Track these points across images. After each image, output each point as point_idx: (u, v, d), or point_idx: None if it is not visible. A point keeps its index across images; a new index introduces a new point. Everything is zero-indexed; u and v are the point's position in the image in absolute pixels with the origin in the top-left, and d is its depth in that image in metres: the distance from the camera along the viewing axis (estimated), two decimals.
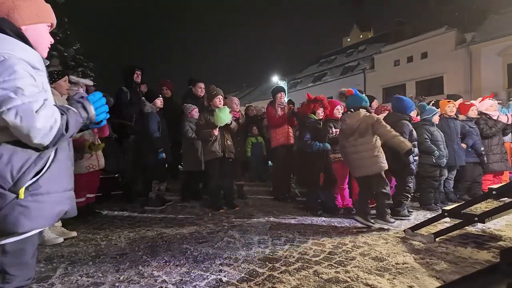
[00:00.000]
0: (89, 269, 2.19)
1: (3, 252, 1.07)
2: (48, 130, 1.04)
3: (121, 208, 4.19)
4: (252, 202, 4.62)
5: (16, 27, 1.12)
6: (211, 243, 2.73)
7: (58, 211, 1.16)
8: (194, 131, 4.50)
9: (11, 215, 1.02)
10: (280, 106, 4.71)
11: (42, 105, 1.04)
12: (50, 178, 1.11)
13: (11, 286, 1.09)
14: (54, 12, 1.29)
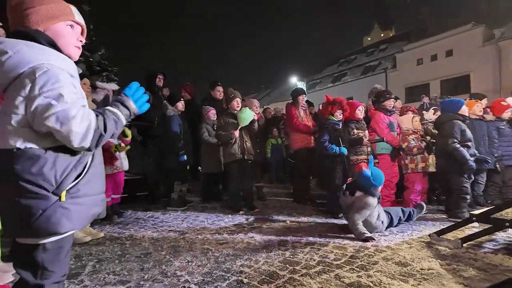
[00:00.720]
0: (116, 267, 2.27)
1: (44, 249, 1.13)
2: (84, 133, 1.08)
3: (144, 208, 4.31)
4: (272, 204, 4.62)
5: (48, 37, 1.15)
6: (232, 244, 2.77)
7: (94, 213, 1.23)
8: (210, 133, 4.58)
9: (54, 216, 1.08)
10: (303, 108, 4.71)
11: (78, 110, 1.08)
12: (87, 182, 1.17)
13: (49, 282, 1.15)
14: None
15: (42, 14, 1.15)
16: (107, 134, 1.15)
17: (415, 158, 4.06)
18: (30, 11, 1.14)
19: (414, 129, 4.20)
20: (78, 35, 1.27)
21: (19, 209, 1.06)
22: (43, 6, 1.16)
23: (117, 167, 3.60)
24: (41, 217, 1.07)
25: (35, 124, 1.06)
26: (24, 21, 1.14)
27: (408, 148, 4.08)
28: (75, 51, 1.26)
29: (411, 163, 4.06)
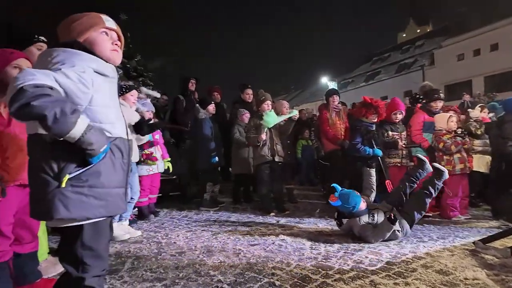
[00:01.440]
0: (152, 264, 2.37)
1: (82, 246, 1.21)
2: (27, 80, 1.03)
3: (178, 208, 4.45)
4: (303, 206, 4.57)
5: (82, 44, 1.28)
6: (263, 246, 2.77)
7: (100, 205, 1.21)
8: (241, 134, 4.64)
9: (52, 201, 1.12)
10: (335, 110, 4.59)
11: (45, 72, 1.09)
12: (96, 173, 1.19)
13: (89, 275, 1.23)
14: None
15: (78, 29, 1.30)
16: (40, 108, 1.02)
17: (452, 160, 3.75)
18: (69, 30, 1.30)
19: (448, 129, 3.89)
20: (113, 40, 1.37)
21: (33, 189, 1.19)
22: (78, 21, 1.31)
23: (152, 169, 3.75)
24: (44, 200, 1.13)
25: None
26: (66, 37, 1.30)
27: (445, 147, 3.78)
28: (112, 54, 1.35)
29: (448, 164, 3.75)
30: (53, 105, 1.04)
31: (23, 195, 1.83)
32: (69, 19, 1.32)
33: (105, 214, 1.25)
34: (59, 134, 1.08)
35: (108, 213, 1.25)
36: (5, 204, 1.71)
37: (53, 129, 1.06)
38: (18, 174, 1.73)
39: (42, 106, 1.02)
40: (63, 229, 1.21)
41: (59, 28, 1.33)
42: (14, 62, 1.76)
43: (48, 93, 1.04)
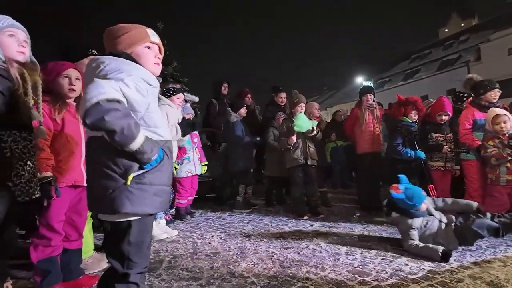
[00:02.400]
0: (188, 264, 2.44)
1: (128, 243, 1.29)
2: (98, 94, 1.14)
3: (213, 209, 4.55)
4: (338, 210, 4.45)
5: (132, 57, 1.36)
6: (297, 249, 2.74)
7: (160, 203, 1.34)
8: (275, 137, 4.63)
9: (119, 197, 1.23)
10: (369, 108, 4.34)
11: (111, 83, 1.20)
12: (154, 172, 1.30)
13: (134, 271, 1.31)
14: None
15: (125, 42, 1.37)
16: (112, 120, 1.14)
17: (497, 168, 3.20)
18: (117, 41, 1.37)
19: (493, 130, 3.27)
20: (155, 53, 1.45)
21: (97, 186, 1.27)
22: (125, 35, 1.38)
23: (191, 171, 3.87)
24: (110, 195, 1.23)
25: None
26: (116, 47, 1.37)
27: (483, 158, 3.28)
28: (154, 68, 1.43)
29: (490, 173, 3.24)
30: (122, 121, 1.16)
31: (73, 195, 1.99)
32: (118, 31, 1.39)
33: (160, 209, 1.37)
34: (121, 146, 1.20)
35: (161, 208, 1.38)
36: (58, 203, 1.86)
37: (117, 142, 1.19)
38: (70, 175, 1.88)
39: (113, 121, 1.15)
40: (112, 226, 1.30)
41: (106, 35, 1.41)
42: (64, 73, 1.91)
43: (118, 108, 1.17)
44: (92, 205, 1.35)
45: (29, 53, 1.58)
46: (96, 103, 1.12)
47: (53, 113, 1.82)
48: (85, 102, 1.13)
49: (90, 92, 1.14)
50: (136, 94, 1.27)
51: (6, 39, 1.47)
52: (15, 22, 1.52)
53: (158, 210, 1.37)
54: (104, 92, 1.15)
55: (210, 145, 5.01)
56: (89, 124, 1.15)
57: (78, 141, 1.92)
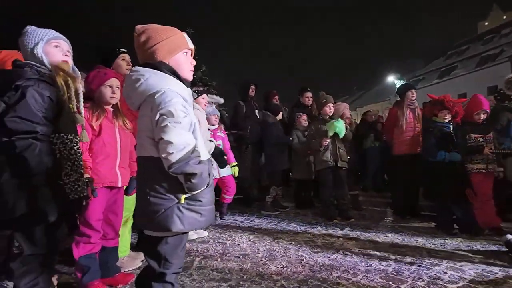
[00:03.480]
0: (218, 265, 2.47)
1: (166, 243, 1.34)
2: (180, 149, 1.21)
3: (241, 211, 4.58)
4: (369, 214, 4.31)
5: (170, 67, 1.37)
6: (327, 253, 2.69)
7: (205, 221, 1.38)
8: (300, 139, 4.59)
9: (171, 216, 1.28)
10: (410, 107, 4.10)
11: (183, 125, 1.25)
12: (205, 194, 1.34)
13: (170, 271, 1.36)
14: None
15: (165, 49, 1.37)
16: (192, 169, 1.23)
17: None
18: (156, 47, 1.36)
19: None
20: (191, 60, 1.47)
21: (148, 205, 1.29)
22: (164, 41, 1.37)
23: (214, 174, 3.93)
24: (162, 214, 1.28)
25: (155, 136, 1.26)
26: (152, 56, 1.37)
27: None
28: (190, 74, 1.46)
29: None
30: (200, 168, 1.25)
31: (110, 195, 2.09)
32: (154, 36, 1.36)
33: (204, 226, 1.43)
34: (192, 190, 1.27)
35: (206, 225, 1.44)
36: (95, 203, 1.96)
37: (193, 184, 1.25)
38: (106, 177, 1.98)
39: (195, 169, 1.24)
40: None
41: (141, 38, 1.38)
42: (107, 82, 2.03)
43: (199, 155, 1.27)
44: (141, 220, 1.40)
45: (71, 62, 1.69)
46: (183, 156, 1.21)
47: (91, 119, 1.93)
48: (170, 148, 1.19)
49: (175, 138, 1.20)
50: (187, 119, 1.30)
51: (52, 50, 1.59)
52: (59, 34, 1.64)
53: (204, 226, 1.43)
54: (187, 144, 1.23)
55: (236, 147, 5.04)
56: (173, 170, 1.22)
57: (113, 145, 2.02)
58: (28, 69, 1.51)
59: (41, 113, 1.43)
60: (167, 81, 1.31)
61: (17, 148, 1.35)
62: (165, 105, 1.24)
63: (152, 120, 1.26)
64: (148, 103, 1.30)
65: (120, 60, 2.57)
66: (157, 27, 1.40)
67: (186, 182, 1.26)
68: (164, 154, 1.22)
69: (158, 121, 1.24)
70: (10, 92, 1.41)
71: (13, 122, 1.35)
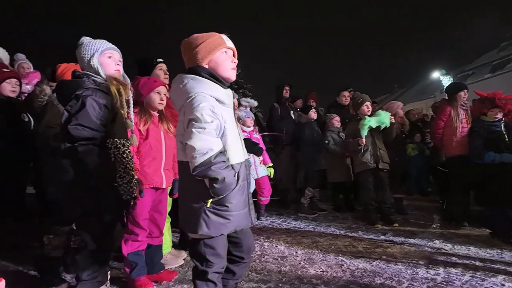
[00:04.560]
0: (257, 266, 2.49)
1: (204, 245, 1.39)
2: (203, 153, 1.25)
3: (277, 213, 4.58)
4: (414, 219, 4.08)
5: (208, 70, 1.42)
6: (368, 259, 2.60)
7: (234, 226, 1.40)
8: (335, 141, 4.49)
9: (198, 219, 1.34)
10: (463, 108, 3.82)
11: (208, 131, 1.28)
12: (231, 198, 1.35)
13: (212, 270, 1.40)
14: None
15: (203, 51, 1.42)
16: (214, 173, 1.25)
17: None
18: (195, 51, 1.43)
19: None
20: (231, 58, 1.49)
21: (184, 207, 1.40)
22: (202, 44, 1.43)
23: (252, 175, 3.97)
24: (192, 216, 1.35)
25: (183, 140, 1.31)
26: (193, 61, 1.44)
27: None
28: (231, 73, 1.49)
29: None
30: (223, 172, 1.27)
31: (155, 196, 2.20)
32: (195, 40, 1.44)
33: (232, 230, 1.42)
34: (217, 194, 1.30)
35: (234, 229, 1.42)
36: (142, 202, 2.08)
37: (217, 188, 1.28)
38: (152, 178, 2.08)
39: (218, 171, 1.26)
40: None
41: (183, 47, 1.48)
42: (156, 89, 2.15)
43: (224, 160, 1.30)
44: (181, 221, 1.49)
45: (122, 71, 1.82)
46: (209, 158, 1.25)
47: (139, 124, 2.05)
48: (194, 153, 1.24)
49: (198, 145, 1.24)
50: (215, 123, 1.33)
51: (106, 60, 1.72)
52: (112, 45, 1.77)
53: (231, 230, 1.42)
54: (210, 149, 1.26)
55: (272, 148, 5.05)
56: (196, 174, 1.27)
57: (159, 148, 2.12)
58: (86, 79, 1.65)
59: (98, 120, 1.55)
60: (202, 85, 1.36)
61: (79, 153, 1.48)
62: (193, 110, 1.29)
63: (183, 124, 1.34)
64: (183, 107, 1.36)
65: (158, 70, 2.71)
66: (197, 35, 1.47)
67: (210, 187, 1.29)
68: (189, 158, 1.28)
69: (187, 126, 1.30)
70: (72, 101, 1.55)
71: (75, 129, 1.48)
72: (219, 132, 1.35)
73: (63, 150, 1.52)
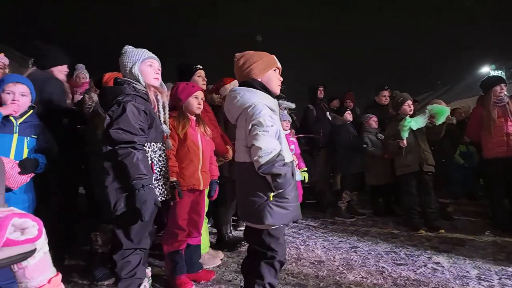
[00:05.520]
0: (293, 269, 2.47)
1: (268, 235, 1.56)
2: (266, 151, 1.45)
3: (313, 216, 4.50)
4: (462, 225, 3.79)
5: (261, 83, 1.65)
6: (412, 267, 2.46)
7: (292, 216, 1.60)
8: (373, 142, 4.32)
9: (263, 211, 1.51)
10: (497, 104, 3.52)
11: (270, 133, 1.49)
12: (290, 192, 1.55)
13: (276, 258, 1.57)
14: (254, 49, 1.76)
15: (259, 67, 1.66)
16: (277, 170, 1.45)
17: None
18: (251, 67, 1.66)
19: None
20: (279, 76, 1.74)
21: (247, 201, 1.57)
22: (259, 61, 1.67)
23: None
24: (257, 209, 1.53)
25: (248, 143, 1.53)
26: (248, 75, 1.67)
27: None
28: (278, 88, 1.73)
29: None
30: (284, 170, 1.48)
31: (192, 198, 2.26)
32: (250, 59, 1.68)
33: (291, 220, 1.66)
34: (278, 188, 1.50)
35: (293, 220, 1.66)
36: (181, 204, 2.15)
37: (276, 183, 1.48)
38: (190, 180, 2.15)
39: (280, 170, 1.47)
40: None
41: (240, 61, 1.70)
42: (195, 94, 2.23)
43: (283, 159, 1.50)
44: (243, 215, 1.70)
45: (160, 79, 1.90)
46: (273, 158, 1.45)
47: (178, 127, 2.13)
48: (260, 153, 1.44)
49: (263, 144, 1.45)
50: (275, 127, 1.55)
51: (146, 69, 1.82)
52: (152, 54, 1.86)
53: (291, 221, 1.66)
54: (274, 149, 1.47)
55: (308, 150, 4.98)
56: (262, 171, 1.46)
57: (197, 151, 2.19)
58: (126, 86, 1.75)
59: (138, 125, 1.64)
60: (258, 95, 1.59)
61: (119, 155, 1.57)
62: (256, 116, 1.51)
63: (246, 130, 1.54)
64: (243, 115, 1.58)
65: (197, 77, 2.81)
66: (253, 52, 1.73)
67: (273, 182, 1.47)
68: (255, 157, 1.47)
69: (250, 130, 1.51)
70: (114, 107, 1.65)
71: (116, 133, 1.58)
72: (276, 135, 1.54)
73: (104, 153, 1.62)
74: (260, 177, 1.50)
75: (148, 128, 1.74)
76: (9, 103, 1.94)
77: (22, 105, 1.99)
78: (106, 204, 1.60)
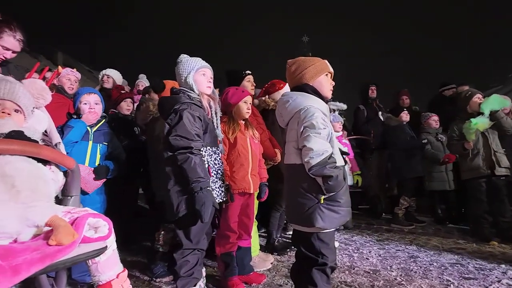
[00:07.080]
0: (346, 278, 2.37)
1: (318, 239, 1.53)
2: (317, 152, 1.45)
3: (367, 222, 4.29)
4: None
5: (313, 87, 1.66)
6: (482, 282, 2.21)
7: (342, 220, 1.58)
8: (432, 144, 4.02)
9: (313, 213, 1.50)
10: None
11: (322, 135, 1.49)
12: (341, 195, 1.53)
13: (327, 264, 1.53)
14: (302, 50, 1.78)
15: (311, 72, 1.67)
16: (329, 172, 1.44)
17: None
18: (304, 72, 1.68)
19: None
20: (330, 81, 1.74)
21: (296, 204, 1.57)
22: (311, 66, 1.68)
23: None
24: (307, 212, 1.51)
25: (299, 144, 1.53)
26: (300, 80, 1.69)
27: None
28: (329, 93, 1.73)
29: None
30: (335, 171, 1.46)
31: (243, 201, 2.31)
32: (302, 64, 1.70)
33: (341, 224, 1.68)
34: (329, 191, 1.49)
35: (342, 223, 1.70)
36: (232, 206, 2.21)
37: (328, 186, 1.46)
38: (240, 184, 2.20)
39: (332, 172, 1.45)
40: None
41: (292, 67, 1.72)
42: (244, 99, 2.30)
43: (334, 161, 1.50)
44: (292, 218, 1.70)
45: (212, 87, 1.98)
46: (324, 159, 1.45)
47: (228, 132, 2.19)
48: (311, 154, 1.45)
49: (315, 146, 1.46)
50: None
51: (199, 78, 1.91)
52: (206, 63, 1.95)
53: (340, 224, 1.68)
54: (325, 151, 1.46)
55: (360, 153, 4.76)
56: (313, 172, 1.46)
57: (246, 155, 2.23)
58: (182, 95, 1.85)
59: (194, 131, 1.73)
60: (310, 99, 1.61)
61: (178, 161, 1.67)
62: (308, 118, 1.52)
63: (297, 132, 1.55)
64: (295, 118, 1.60)
65: (246, 82, 2.87)
66: (304, 58, 1.75)
67: (324, 184, 1.46)
68: (306, 158, 1.46)
69: (302, 132, 1.52)
70: (172, 115, 1.76)
71: (174, 140, 1.68)
72: (328, 138, 1.54)
73: (165, 159, 1.74)
74: (311, 179, 1.49)
75: (204, 133, 1.83)
76: (87, 112, 2.20)
77: (98, 113, 2.25)
78: (170, 206, 1.71)
